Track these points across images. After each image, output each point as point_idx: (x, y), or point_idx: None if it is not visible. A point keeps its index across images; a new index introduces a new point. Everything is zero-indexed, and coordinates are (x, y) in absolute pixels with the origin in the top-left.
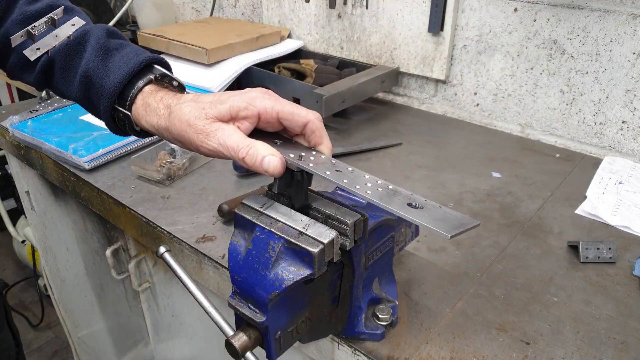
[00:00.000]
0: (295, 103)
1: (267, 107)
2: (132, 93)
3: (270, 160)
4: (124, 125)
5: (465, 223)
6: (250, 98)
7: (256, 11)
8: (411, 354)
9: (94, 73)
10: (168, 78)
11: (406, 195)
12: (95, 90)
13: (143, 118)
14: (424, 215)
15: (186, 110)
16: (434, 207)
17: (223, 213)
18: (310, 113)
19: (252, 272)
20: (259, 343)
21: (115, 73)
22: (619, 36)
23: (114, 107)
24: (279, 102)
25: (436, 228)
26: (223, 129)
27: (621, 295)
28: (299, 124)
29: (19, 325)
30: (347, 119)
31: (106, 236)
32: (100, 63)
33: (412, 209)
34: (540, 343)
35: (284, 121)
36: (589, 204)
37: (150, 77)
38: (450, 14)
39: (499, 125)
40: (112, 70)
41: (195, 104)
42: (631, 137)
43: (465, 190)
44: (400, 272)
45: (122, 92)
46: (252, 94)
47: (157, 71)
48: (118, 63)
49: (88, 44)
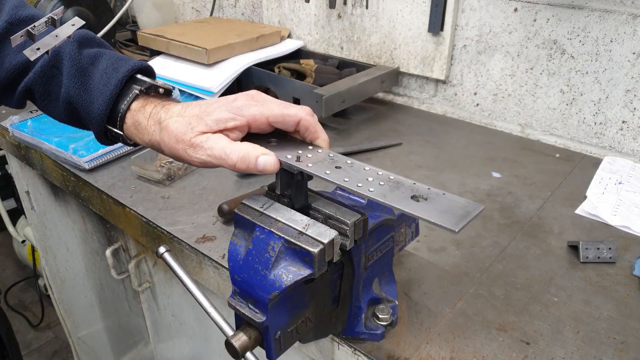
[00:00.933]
0: (292, 103)
1: (255, 115)
2: (120, 113)
3: (266, 160)
4: (117, 140)
5: (471, 210)
6: (236, 108)
7: (256, 11)
8: (411, 354)
9: (76, 101)
10: (153, 87)
11: (409, 186)
12: (82, 117)
13: (136, 136)
14: (428, 208)
15: (173, 127)
16: (438, 195)
17: (223, 213)
18: (300, 110)
19: (252, 272)
20: (259, 343)
21: (99, 98)
22: (619, 36)
23: (106, 128)
24: (266, 106)
25: (442, 223)
26: (209, 139)
27: (621, 295)
28: (290, 124)
29: (19, 325)
30: (347, 119)
31: (106, 236)
32: (80, 88)
33: (416, 202)
34: (540, 343)
35: (275, 124)
36: (589, 204)
37: (136, 92)
38: (450, 14)
39: (499, 125)
40: (94, 94)
41: (182, 118)
42: (631, 137)
43: (465, 190)
44: (400, 272)
45: (111, 112)
46: (239, 103)
47: (141, 83)
48: (97, 85)
49: (63, 66)
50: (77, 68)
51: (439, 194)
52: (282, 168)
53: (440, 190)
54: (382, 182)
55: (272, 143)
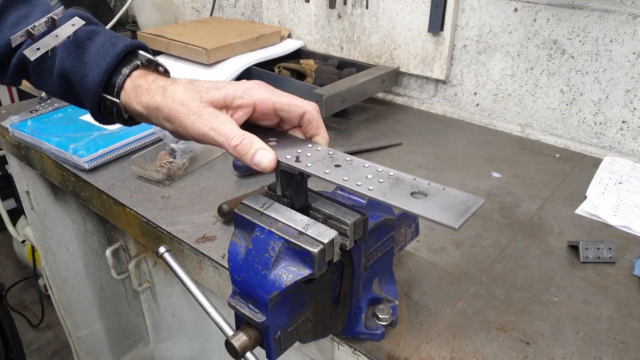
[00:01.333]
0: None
1: (263, 98)
2: (119, 80)
3: (262, 155)
4: (111, 114)
5: (471, 205)
6: (247, 88)
7: (256, 11)
8: (411, 354)
9: (70, 73)
10: (154, 63)
11: (409, 182)
12: (76, 89)
13: (134, 100)
14: (428, 205)
15: (181, 92)
16: (438, 190)
17: (223, 213)
18: (307, 103)
19: (252, 272)
20: (259, 343)
21: (94, 70)
22: (619, 36)
23: (101, 96)
24: (275, 93)
25: (442, 221)
26: (217, 115)
27: (621, 295)
28: (296, 114)
29: (19, 325)
30: (347, 119)
31: (106, 236)
32: (75, 60)
33: (416, 200)
34: (540, 343)
35: (281, 112)
36: (589, 204)
37: (137, 62)
38: (450, 14)
39: (499, 125)
40: (89, 66)
41: (192, 86)
42: (631, 137)
43: (465, 190)
44: (400, 272)
45: (107, 85)
46: (249, 85)
47: (142, 57)
48: (94, 57)
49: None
50: (72, 41)
51: (439, 189)
52: (281, 169)
53: (440, 185)
54: (382, 179)
55: (271, 142)
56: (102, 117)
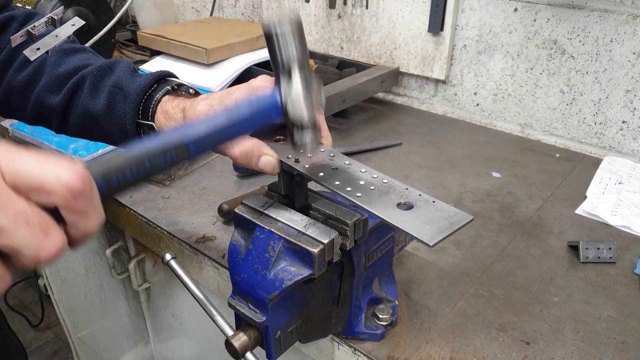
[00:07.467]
0: None
1: None
2: (152, 105)
3: (267, 161)
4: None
5: (456, 222)
6: (253, 88)
7: (256, 11)
8: (411, 354)
9: (122, 82)
10: (184, 87)
11: (399, 192)
12: (121, 95)
13: (165, 126)
14: (410, 218)
15: (198, 108)
16: (427, 203)
17: (223, 213)
18: None
19: (252, 272)
20: (259, 343)
21: (140, 82)
22: (619, 36)
23: (137, 123)
24: None
25: (418, 235)
26: None
27: (621, 295)
28: None
29: (19, 325)
30: (347, 119)
31: (106, 236)
32: (128, 76)
33: (400, 210)
34: (540, 343)
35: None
36: (589, 204)
37: (167, 87)
38: (450, 14)
39: (499, 125)
40: (137, 81)
41: (206, 101)
42: (631, 137)
43: (465, 190)
44: (400, 272)
45: (144, 106)
46: (255, 84)
47: (173, 82)
48: (142, 76)
49: (117, 68)
50: (129, 69)
51: (428, 202)
52: (282, 168)
53: (432, 197)
54: (374, 186)
55: (280, 141)
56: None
